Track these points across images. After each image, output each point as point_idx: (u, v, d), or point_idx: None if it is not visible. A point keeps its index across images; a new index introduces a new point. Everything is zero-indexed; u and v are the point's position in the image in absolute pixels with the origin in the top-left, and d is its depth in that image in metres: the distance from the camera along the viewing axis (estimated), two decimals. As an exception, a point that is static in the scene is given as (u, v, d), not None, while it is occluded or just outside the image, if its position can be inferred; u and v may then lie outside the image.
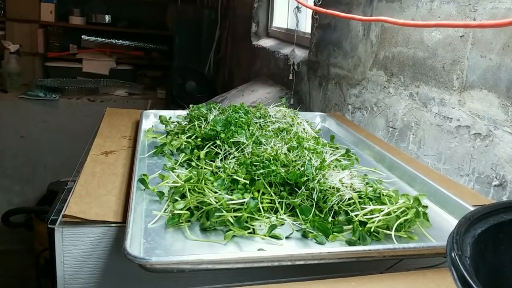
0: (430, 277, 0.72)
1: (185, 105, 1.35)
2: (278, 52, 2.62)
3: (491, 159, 1.04)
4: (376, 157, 1.23)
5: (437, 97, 1.24)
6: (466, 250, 0.46)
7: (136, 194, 0.84)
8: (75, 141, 1.94)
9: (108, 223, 0.80)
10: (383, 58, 1.52)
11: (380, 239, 0.80)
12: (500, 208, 0.53)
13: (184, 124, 1.26)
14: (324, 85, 2.00)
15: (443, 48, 1.21)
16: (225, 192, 0.84)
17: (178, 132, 1.22)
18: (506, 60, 1.00)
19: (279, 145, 1.05)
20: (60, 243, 0.79)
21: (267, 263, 0.68)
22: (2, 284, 3.00)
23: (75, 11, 4.11)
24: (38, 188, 3.43)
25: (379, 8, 1.54)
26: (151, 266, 0.65)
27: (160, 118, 1.38)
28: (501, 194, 1.01)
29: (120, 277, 0.82)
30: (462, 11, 1.14)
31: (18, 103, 3.55)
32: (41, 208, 2.84)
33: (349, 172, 0.96)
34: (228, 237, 0.76)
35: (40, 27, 3.96)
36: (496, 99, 1.03)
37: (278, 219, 0.83)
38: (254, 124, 1.21)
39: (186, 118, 1.28)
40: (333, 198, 0.85)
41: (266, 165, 0.92)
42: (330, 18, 1.94)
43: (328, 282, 0.70)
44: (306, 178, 0.89)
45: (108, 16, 4.26)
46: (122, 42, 4.28)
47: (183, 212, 0.79)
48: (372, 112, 1.58)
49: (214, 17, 3.97)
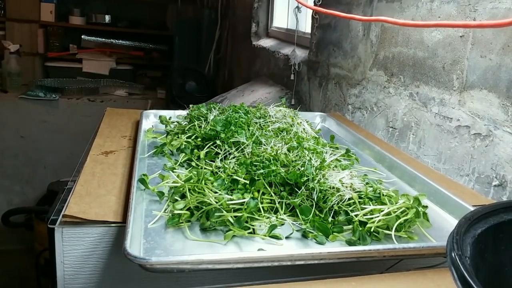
0: (430, 277, 0.72)
1: (185, 105, 1.35)
2: (278, 52, 2.62)
3: (491, 159, 1.04)
4: (376, 157, 1.23)
5: (437, 97, 1.24)
6: (466, 250, 0.46)
7: (136, 194, 0.84)
8: (75, 141, 1.94)
9: (108, 223, 0.80)
10: (383, 58, 1.52)
11: (380, 239, 0.80)
12: (500, 208, 0.53)
13: (184, 124, 1.26)
14: (324, 85, 2.00)
15: (443, 48, 1.21)
16: (225, 192, 0.84)
17: (178, 132, 1.22)
18: (506, 60, 1.00)
19: (279, 145, 1.05)
20: (60, 243, 0.79)
21: (267, 263, 0.68)
22: (2, 284, 3.00)
23: (75, 11, 4.11)
24: (38, 188, 3.44)
25: (379, 8, 1.54)
26: (151, 266, 0.65)
27: (160, 118, 1.38)
28: (501, 194, 1.01)
29: (120, 277, 0.82)
30: (462, 11, 1.14)
31: (18, 103, 3.55)
32: (41, 208, 2.85)
33: (349, 172, 0.96)
34: (228, 237, 0.76)
35: (40, 27, 3.95)
36: (496, 99, 1.03)
37: (278, 219, 0.83)
38: (254, 124, 1.21)
39: (186, 118, 1.28)
40: (333, 198, 0.85)
41: (266, 165, 0.92)
42: (330, 18, 1.94)
43: (328, 282, 0.70)
44: (306, 178, 0.89)
45: (108, 16, 4.26)
46: (122, 42, 4.28)
47: (183, 212, 0.79)
48: (372, 112, 1.58)
49: (214, 17, 3.96)
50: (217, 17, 3.95)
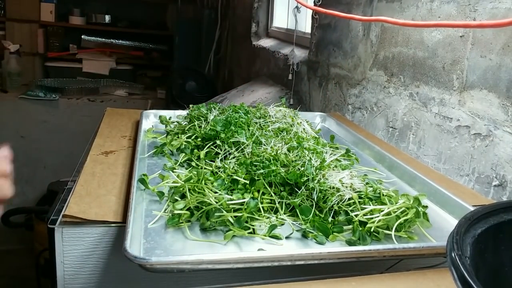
0: (430, 277, 0.72)
1: (185, 105, 1.35)
2: (278, 52, 2.62)
3: (491, 159, 1.04)
4: (376, 157, 1.23)
5: (437, 97, 1.24)
6: (466, 250, 0.46)
7: (136, 194, 0.84)
8: (75, 141, 1.94)
9: (108, 223, 0.80)
10: (383, 58, 1.52)
11: (380, 239, 0.80)
12: (500, 208, 0.53)
13: (184, 124, 1.26)
14: (324, 85, 2.00)
15: (443, 48, 1.21)
16: (225, 192, 0.83)
17: (178, 132, 1.22)
18: (506, 60, 1.00)
19: (279, 145, 1.05)
20: (60, 243, 0.79)
21: (267, 263, 0.68)
22: (2, 284, 3.00)
23: (75, 11, 4.11)
24: (38, 188, 3.43)
25: (379, 8, 1.54)
26: (151, 266, 0.65)
27: (160, 118, 1.38)
28: (501, 194, 1.01)
29: (120, 277, 0.82)
30: (462, 11, 1.14)
31: (18, 103, 3.55)
32: (41, 208, 2.84)
33: (349, 172, 0.96)
34: (228, 237, 0.76)
35: (40, 27, 3.95)
36: (496, 99, 1.03)
37: (278, 219, 0.83)
38: (254, 124, 1.21)
39: (186, 118, 1.28)
40: (333, 198, 0.85)
41: (266, 165, 0.92)
42: (330, 18, 1.94)
43: (328, 282, 0.70)
44: (306, 178, 0.89)
45: (108, 16, 4.26)
46: (122, 42, 4.28)
47: (183, 212, 0.79)
48: (372, 112, 1.58)
49: (214, 17, 3.96)
50: (217, 17, 3.95)
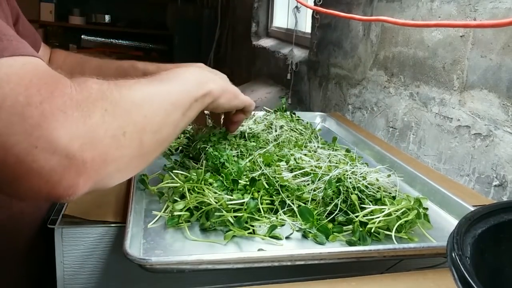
0: (430, 277, 0.72)
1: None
2: (278, 52, 2.62)
3: (492, 159, 1.04)
4: (376, 157, 1.23)
5: (437, 97, 1.24)
6: (466, 250, 0.46)
7: (136, 194, 0.84)
8: (75, 141, 1.93)
9: (108, 223, 0.80)
10: (383, 58, 1.52)
11: (381, 239, 0.80)
12: (500, 208, 0.53)
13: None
14: (324, 85, 2.00)
15: (443, 48, 1.21)
16: (225, 193, 0.83)
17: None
18: (506, 60, 1.00)
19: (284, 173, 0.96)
20: (60, 243, 0.79)
21: (267, 263, 0.68)
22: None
23: (74, 11, 4.12)
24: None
25: (379, 8, 1.54)
26: (151, 266, 0.65)
27: (160, 118, 1.37)
28: (501, 194, 1.01)
29: (120, 277, 0.82)
30: (462, 11, 1.14)
31: (18, 103, 3.55)
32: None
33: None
34: (228, 237, 0.76)
35: (39, 27, 3.96)
36: (496, 99, 1.03)
37: (278, 220, 0.83)
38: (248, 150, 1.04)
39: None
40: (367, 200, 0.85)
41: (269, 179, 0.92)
42: (330, 18, 1.94)
43: (328, 282, 0.69)
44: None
45: (108, 16, 4.26)
46: (121, 42, 4.29)
47: (182, 213, 0.79)
48: (372, 112, 1.58)
49: (214, 17, 3.97)
50: (217, 17, 3.95)
